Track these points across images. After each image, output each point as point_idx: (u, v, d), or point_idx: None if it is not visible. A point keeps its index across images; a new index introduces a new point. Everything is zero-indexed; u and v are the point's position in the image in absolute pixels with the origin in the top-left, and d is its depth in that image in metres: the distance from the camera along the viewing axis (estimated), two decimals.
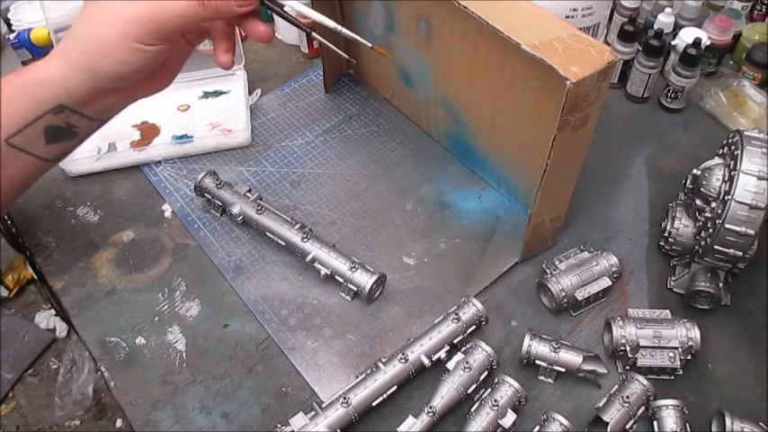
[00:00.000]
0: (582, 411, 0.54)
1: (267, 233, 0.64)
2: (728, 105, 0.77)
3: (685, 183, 0.61)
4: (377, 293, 0.61)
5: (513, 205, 0.68)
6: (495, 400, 0.51)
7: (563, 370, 0.55)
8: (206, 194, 0.67)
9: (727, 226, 0.53)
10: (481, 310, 0.56)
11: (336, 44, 0.80)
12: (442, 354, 0.55)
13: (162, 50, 0.48)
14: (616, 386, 0.54)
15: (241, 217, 0.65)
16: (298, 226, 0.63)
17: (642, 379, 0.53)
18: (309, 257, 0.61)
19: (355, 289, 0.60)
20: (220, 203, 0.66)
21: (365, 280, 0.59)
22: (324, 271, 0.60)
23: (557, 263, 0.61)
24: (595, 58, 0.47)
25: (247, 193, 0.66)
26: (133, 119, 0.78)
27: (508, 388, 0.52)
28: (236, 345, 0.59)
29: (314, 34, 0.55)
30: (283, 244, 0.63)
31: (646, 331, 0.55)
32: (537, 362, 0.55)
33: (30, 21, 0.86)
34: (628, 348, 0.55)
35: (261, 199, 0.66)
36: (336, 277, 0.60)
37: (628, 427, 0.51)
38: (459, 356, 0.54)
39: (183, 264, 0.65)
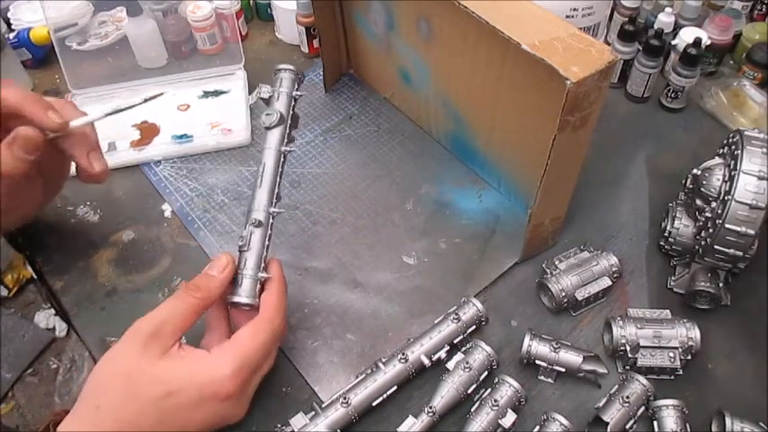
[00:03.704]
0: (582, 411, 0.54)
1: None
2: (728, 105, 0.77)
3: (685, 183, 0.61)
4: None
5: (513, 205, 0.68)
6: (495, 400, 0.51)
7: (563, 370, 0.55)
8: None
9: (727, 226, 0.53)
10: (481, 310, 0.56)
11: (337, 44, 0.81)
12: (442, 354, 0.55)
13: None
14: (616, 386, 0.54)
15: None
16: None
17: (642, 379, 0.53)
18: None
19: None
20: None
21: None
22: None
23: (557, 263, 0.61)
24: (596, 57, 0.47)
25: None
26: (133, 118, 0.78)
27: (508, 388, 0.52)
28: None
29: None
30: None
31: (646, 331, 0.55)
32: (537, 362, 0.55)
33: (29, 20, 0.86)
34: (628, 348, 0.55)
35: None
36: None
37: (628, 427, 0.51)
38: (459, 356, 0.54)
39: (183, 264, 0.65)
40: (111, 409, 0.44)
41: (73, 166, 0.59)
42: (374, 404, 0.52)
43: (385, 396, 0.52)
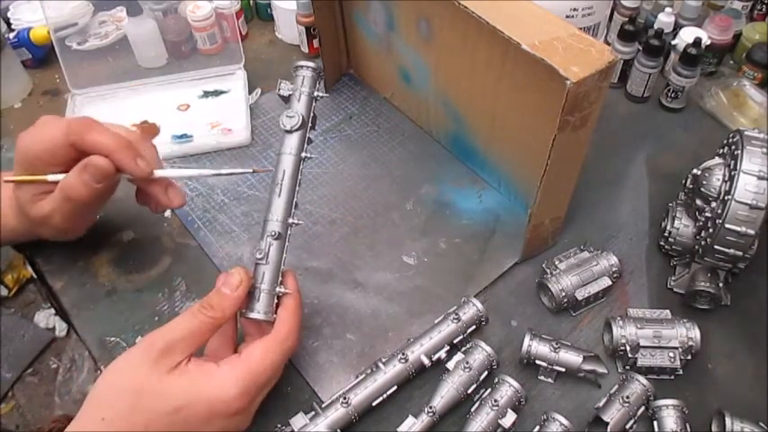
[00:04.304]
0: (582, 411, 0.54)
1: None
2: (728, 105, 0.77)
3: (685, 182, 0.61)
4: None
5: (513, 205, 0.68)
6: (495, 400, 0.51)
7: (563, 370, 0.55)
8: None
9: (727, 226, 0.53)
10: (481, 310, 0.56)
11: (337, 44, 0.81)
12: (442, 354, 0.55)
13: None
14: (616, 386, 0.54)
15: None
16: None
17: (642, 379, 0.53)
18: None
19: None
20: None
21: None
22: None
23: (557, 263, 0.61)
24: (596, 57, 0.47)
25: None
26: (133, 118, 0.78)
27: (508, 388, 0.52)
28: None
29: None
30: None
31: (646, 331, 0.55)
32: (537, 362, 0.55)
33: (29, 20, 0.86)
34: (628, 348, 0.55)
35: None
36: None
37: (628, 427, 0.51)
38: (459, 356, 0.54)
39: (183, 264, 0.65)
40: (116, 422, 0.44)
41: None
42: (374, 404, 0.52)
43: (385, 396, 0.52)
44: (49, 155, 0.53)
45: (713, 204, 0.56)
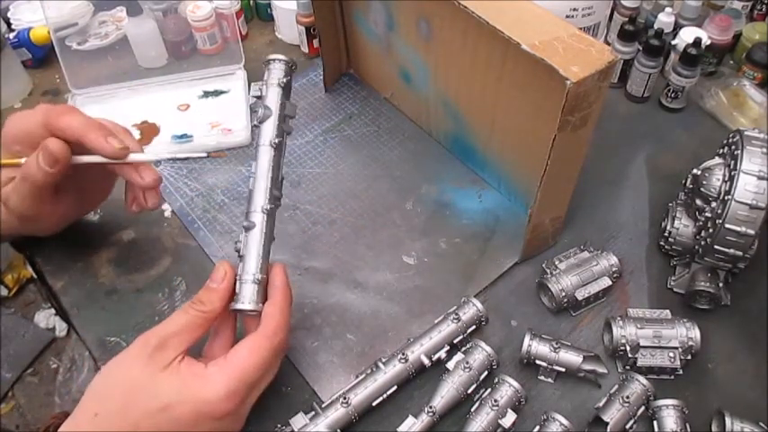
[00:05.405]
0: (582, 411, 0.54)
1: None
2: (728, 105, 0.77)
3: (685, 183, 0.61)
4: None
5: (513, 205, 0.68)
6: (495, 400, 0.51)
7: (563, 370, 0.55)
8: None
9: (727, 226, 0.53)
10: (481, 310, 0.56)
11: (337, 44, 0.81)
12: (442, 354, 0.55)
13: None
14: (616, 386, 0.54)
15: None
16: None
17: (642, 379, 0.53)
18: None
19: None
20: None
21: None
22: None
23: (557, 263, 0.61)
24: (596, 57, 0.47)
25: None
26: (133, 118, 0.78)
27: (508, 388, 0.52)
28: None
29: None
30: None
31: (646, 331, 0.55)
32: (537, 362, 0.55)
33: (29, 20, 0.86)
34: (628, 348, 0.55)
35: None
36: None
37: (628, 427, 0.51)
38: (459, 356, 0.54)
39: (183, 264, 0.65)
40: (108, 418, 0.44)
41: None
42: (374, 404, 0.52)
43: (385, 396, 0.52)
44: (27, 138, 0.53)
45: (713, 204, 0.56)
